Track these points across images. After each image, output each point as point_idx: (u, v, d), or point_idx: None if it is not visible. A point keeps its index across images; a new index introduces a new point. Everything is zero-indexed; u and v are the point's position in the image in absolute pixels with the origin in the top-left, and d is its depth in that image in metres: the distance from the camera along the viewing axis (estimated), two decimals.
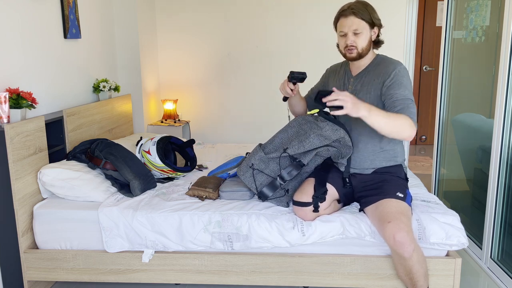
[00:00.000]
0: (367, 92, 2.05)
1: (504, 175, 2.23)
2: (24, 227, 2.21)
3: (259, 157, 2.14)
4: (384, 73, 2.02)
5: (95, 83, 3.22)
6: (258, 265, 2.12)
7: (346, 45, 2.04)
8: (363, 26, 1.99)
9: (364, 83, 2.08)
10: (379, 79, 2.03)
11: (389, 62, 2.06)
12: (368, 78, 2.08)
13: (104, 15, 3.45)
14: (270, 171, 2.13)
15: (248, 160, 2.17)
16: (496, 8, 2.47)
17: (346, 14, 2.00)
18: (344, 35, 2.02)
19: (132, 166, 2.39)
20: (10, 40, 2.34)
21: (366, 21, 1.99)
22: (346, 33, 2.01)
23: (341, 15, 2.03)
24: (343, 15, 2.02)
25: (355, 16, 1.98)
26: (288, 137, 2.14)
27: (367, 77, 2.08)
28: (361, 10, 1.98)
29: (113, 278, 2.20)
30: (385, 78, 2.01)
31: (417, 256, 1.84)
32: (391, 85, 1.98)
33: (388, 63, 2.05)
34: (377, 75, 2.05)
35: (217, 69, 4.24)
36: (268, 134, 4.27)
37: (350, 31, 2.00)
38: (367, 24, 2.00)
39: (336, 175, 2.17)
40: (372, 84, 2.05)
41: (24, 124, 2.18)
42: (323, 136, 2.03)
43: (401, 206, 1.93)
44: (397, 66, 2.01)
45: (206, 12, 4.14)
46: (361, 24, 1.99)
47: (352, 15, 1.98)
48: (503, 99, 2.17)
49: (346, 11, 2.01)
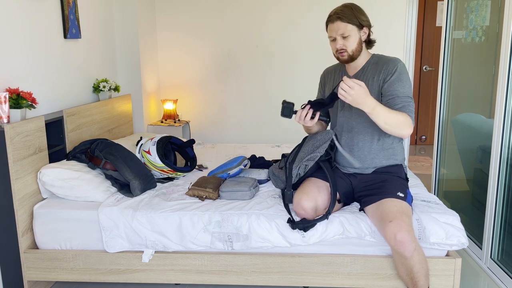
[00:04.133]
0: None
1: (504, 175, 2.23)
2: (24, 227, 2.21)
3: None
4: (384, 70, 2.05)
5: (95, 83, 3.22)
6: (258, 265, 2.12)
7: (336, 49, 2.07)
8: (350, 29, 2.02)
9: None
10: (379, 76, 2.05)
11: (388, 60, 2.08)
12: (367, 77, 2.09)
13: (104, 15, 3.45)
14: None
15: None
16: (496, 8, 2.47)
17: (332, 20, 2.04)
18: (334, 39, 2.06)
19: (132, 166, 2.39)
20: (10, 40, 2.34)
21: (352, 23, 2.02)
22: (335, 38, 2.05)
23: (328, 21, 2.07)
24: (329, 21, 2.06)
25: (341, 20, 2.01)
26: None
27: (364, 76, 2.10)
28: (347, 13, 2.01)
29: (113, 278, 2.20)
30: (386, 75, 2.04)
31: (418, 256, 1.84)
32: (392, 82, 2.02)
33: (387, 60, 2.08)
34: (376, 73, 2.07)
35: (217, 69, 4.24)
36: (268, 134, 4.29)
37: (338, 35, 2.04)
38: (354, 26, 2.02)
39: (336, 175, 2.17)
40: (372, 82, 2.07)
41: (24, 124, 2.18)
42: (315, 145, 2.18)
43: (402, 205, 1.93)
44: (398, 63, 2.05)
45: (206, 12, 4.14)
46: (348, 28, 2.02)
47: (337, 20, 2.02)
48: (503, 99, 2.17)
49: (332, 17, 2.05)
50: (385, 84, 2.03)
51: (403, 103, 1.99)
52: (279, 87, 4.20)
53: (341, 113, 2.17)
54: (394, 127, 1.93)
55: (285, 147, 3.45)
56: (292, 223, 2.03)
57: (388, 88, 2.01)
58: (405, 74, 2.04)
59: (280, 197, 2.30)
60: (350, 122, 2.13)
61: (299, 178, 2.19)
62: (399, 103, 1.98)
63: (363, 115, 2.08)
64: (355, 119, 2.12)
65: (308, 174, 2.21)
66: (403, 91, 2.00)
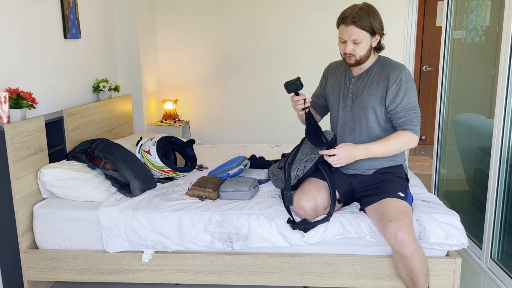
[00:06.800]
0: (371, 93, 2.04)
1: (504, 175, 2.23)
2: (24, 227, 2.21)
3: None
4: (388, 78, 2.01)
5: (95, 83, 3.22)
6: (258, 265, 2.12)
7: (345, 53, 2.02)
8: (363, 35, 1.95)
9: (367, 84, 2.07)
10: (384, 82, 2.02)
11: (393, 66, 2.03)
12: (371, 80, 2.07)
13: (104, 15, 3.45)
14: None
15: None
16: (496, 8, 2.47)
17: (347, 23, 1.94)
18: (344, 41, 2.00)
19: (132, 166, 2.39)
20: (10, 40, 2.34)
21: (366, 30, 1.94)
22: (346, 41, 1.99)
23: (342, 22, 1.97)
24: (343, 23, 1.96)
25: (355, 26, 1.93)
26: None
27: (369, 78, 2.07)
28: (363, 18, 1.92)
29: (113, 278, 2.20)
30: (389, 83, 2.00)
31: (418, 256, 1.84)
32: (396, 92, 1.99)
33: (392, 66, 2.03)
34: (381, 78, 2.04)
35: (217, 69, 4.24)
36: (268, 134, 4.29)
37: (349, 40, 1.97)
38: (367, 33, 1.95)
39: (335, 175, 2.17)
40: (376, 86, 2.04)
41: (24, 124, 2.18)
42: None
43: (403, 205, 1.93)
44: (402, 71, 2.00)
45: (206, 12, 4.14)
46: (361, 34, 1.94)
47: (352, 24, 1.93)
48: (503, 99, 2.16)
49: (347, 18, 1.94)
50: (389, 93, 2.00)
51: (406, 116, 1.98)
52: (279, 87, 4.20)
53: (342, 114, 2.16)
54: (398, 151, 2.03)
55: (285, 147, 3.45)
56: (292, 223, 2.03)
57: (393, 100, 1.99)
58: (410, 83, 2.00)
59: (280, 197, 2.30)
60: (352, 123, 2.13)
61: (297, 179, 2.19)
62: (402, 117, 1.99)
63: (364, 116, 2.08)
64: (356, 120, 2.11)
65: (307, 175, 2.21)
66: (407, 102, 1.98)
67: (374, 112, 2.06)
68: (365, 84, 2.07)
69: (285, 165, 2.24)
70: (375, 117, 2.07)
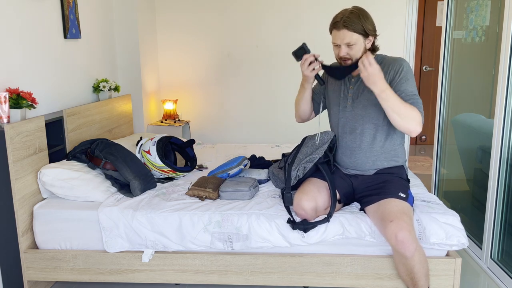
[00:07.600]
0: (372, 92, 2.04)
1: (504, 175, 2.23)
2: (24, 227, 2.21)
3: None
4: (390, 71, 2.02)
5: (95, 83, 3.22)
6: (258, 265, 2.12)
7: (340, 57, 2.03)
8: (356, 38, 1.96)
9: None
10: (386, 77, 2.01)
11: (392, 60, 2.05)
12: None
13: (104, 15, 3.45)
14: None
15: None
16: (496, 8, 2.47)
17: (339, 27, 1.96)
18: (337, 45, 2.01)
19: (132, 166, 2.39)
20: (10, 40, 2.34)
21: (359, 33, 1.95)
22: (339, 45, 2.00)
23: (334, 27, 1.99)
24: (335, 28, 1.98)
25: (347, 29, 1.94)
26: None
27: None
28: (354, 22, 1.93)
29: (113, 278, 2.20)
30: (393, 76, 2.01)
31: (418, 256, 1.84)
32: (399, 81, 1.99)
33: (391, 60, 2.05)
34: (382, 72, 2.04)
35: (217, 69, 4.24)
36: (268, 134, 4.29)
37: (343, 44, 1.98)
38: (360, 35, 1.97)
39: (336, 176, 2.17)
40: None
41: (24, 124, 2.18)
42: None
43: (403, 205, 1.93)
44: (403, 63, 2.02)
45: (206, 12, 4.14)
46: (354, 37, 1.95)
47: (344, 28, 1.94)
48: (503, 99, 2.16)
49: (338, 23, 1.96)
50: (394, 84, 1.99)
51: (412, 100, 1.96)
52: (279, 87, 4.20)
53: (343, 113, 2.15)
54: (401, 118, 1.88)
55: (285, 147, 3.45)
56: (292, 223, 2.02)
57: (396, 88, 1.98)
58: (410, 74, 2.01)
59: (280, 197, 2.30)
60: (353, 123, 2.12)
61: (298, 180, 2.19)
62: (408, 101, 1.95)
63: (366, 116, 2.07)
64: (358, 120, 2.10)
65: (308, 175, 2.20)
66: (411, 90, 1.98)
67: (376, 110, 2.05)
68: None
69: (285, 166, 2.24)
70: (377, 115, 2.06)
